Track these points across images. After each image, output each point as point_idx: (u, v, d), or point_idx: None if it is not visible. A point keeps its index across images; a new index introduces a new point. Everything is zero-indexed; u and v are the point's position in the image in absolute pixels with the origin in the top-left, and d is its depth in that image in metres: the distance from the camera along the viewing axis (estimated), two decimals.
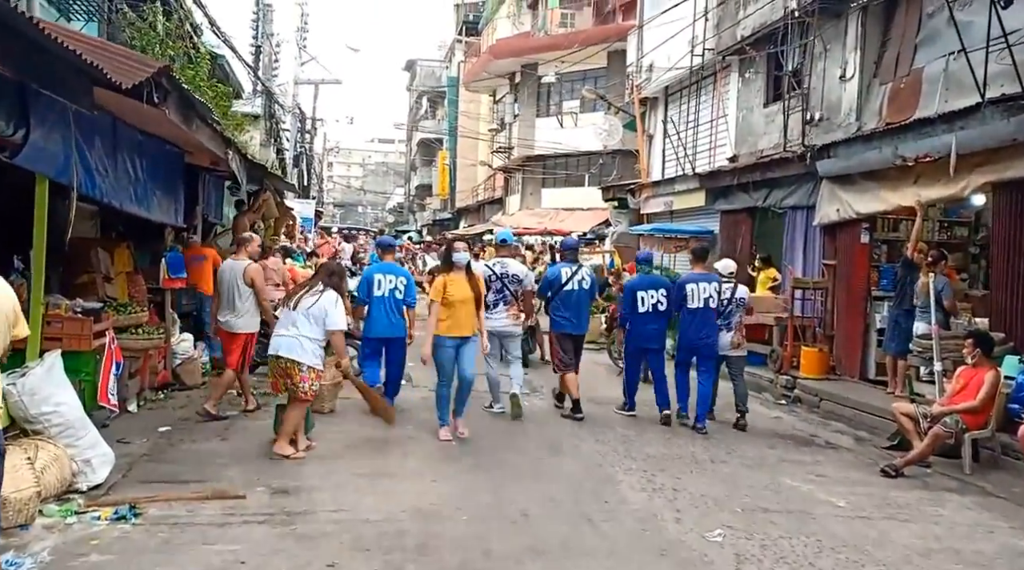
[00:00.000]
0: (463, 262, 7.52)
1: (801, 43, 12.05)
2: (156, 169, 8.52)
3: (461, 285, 7.41)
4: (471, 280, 7.53)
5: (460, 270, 7.49)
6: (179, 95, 6.17)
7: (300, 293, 6.83)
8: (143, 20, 12.41)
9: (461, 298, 7.38)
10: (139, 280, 9.36)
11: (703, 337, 8.52)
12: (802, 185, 12.07)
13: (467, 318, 7.45)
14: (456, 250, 7.64)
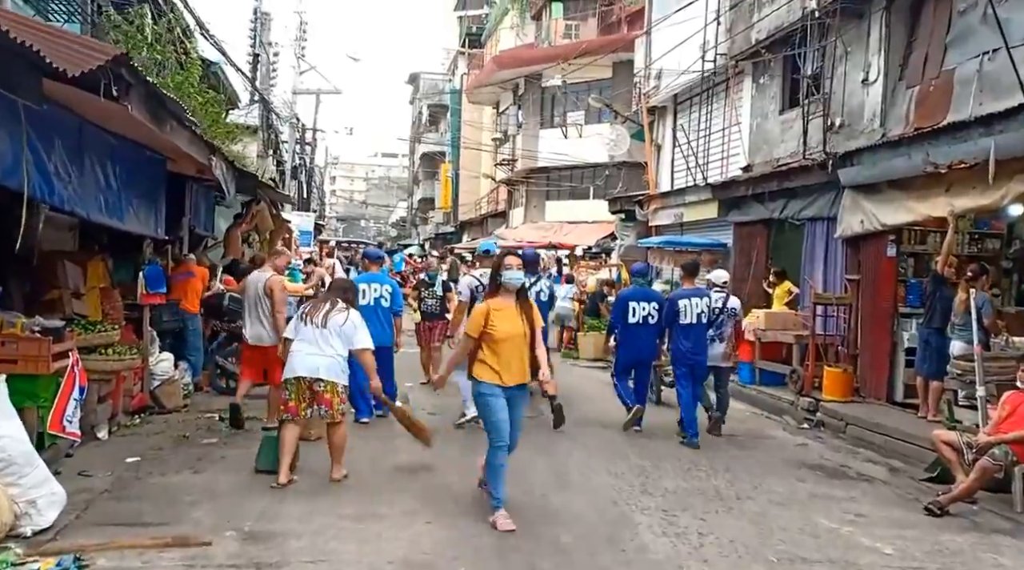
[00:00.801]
0: (516, 284, 5.63)
1: (820, 45, 11.41)
2: (133, 176, 7.90)
3: (510, 316, 5.54)
4: (524, 309, 5.63)
5: (509, 295, 5.64)
6: (145, 90, 5.53)
7: (325, 309, 6.38)
8: (130, 23, 11.85)
9: (510, 333, 5.50)
10: (115, 296, 8.72)
11: (696, 354, 8.56)
12: (822, 195, 11.41)
13: (518, 361, 5.56)
14: (508, 267, 5.60)
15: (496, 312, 5.56)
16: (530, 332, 5.59)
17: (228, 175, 9.64)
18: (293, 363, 6.28)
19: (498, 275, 5.65)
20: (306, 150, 34.73)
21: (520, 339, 5.55)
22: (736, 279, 14.00)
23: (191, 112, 11.57)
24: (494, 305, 5.60)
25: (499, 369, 5.50)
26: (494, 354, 5.50)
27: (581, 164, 31.18)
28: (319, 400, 6.22)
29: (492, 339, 5.50)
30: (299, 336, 6.35)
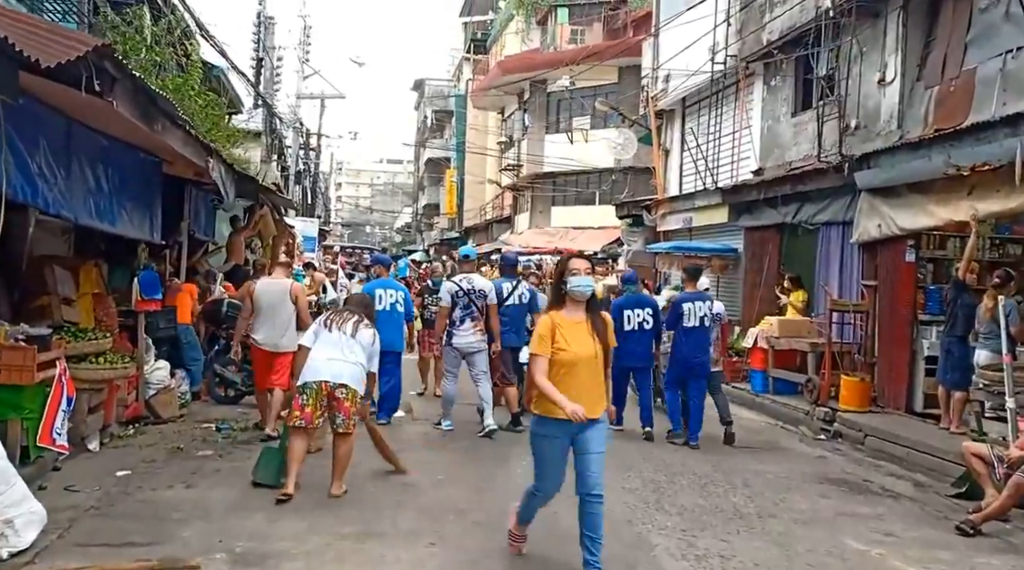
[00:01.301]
0: (585, 293, 4.53)
1: (835, 45, 11.10)
2: (126, 179, 7.65)
3: (579, 334, 4.49)
4: (596, 325, 4.56)
5: (577, 307, 4.55)
6: (132, 85, 5.25)
7: (354, 320, 6.19)
8: (128, 23, 11.60)
9: (580, 355, 4.46)
10: (108, 302, 8.44)
11: (697, 356, 8.58)
12: (837, 199, 11.10)
13: (592, 388, 4.50)
14: (574, 272, 4.53)
15: (562, 328, 4.46)
16: (603, 353, 4.55)
17: (227, 178, 9.36)
18: (316, 367, 6.00)
19: (563, 283, 4.52)
20: (310, 155, 34.49)
21: (592, 362, 4.48)
22: (748, 285, 13.74)
23: (191, 115, 11.38)
24: (560, 320, 4.48)
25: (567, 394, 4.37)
26: (560, 381, 4.40)
27: (587, 169, 30.93)
28: (338, 407, 5.98)
29: (556, 361, 4.43)
30: (320, 341, 6.08)
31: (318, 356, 6.00)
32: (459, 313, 8.44)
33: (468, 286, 8.49)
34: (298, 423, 5.96)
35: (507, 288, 8.89)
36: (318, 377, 5.96)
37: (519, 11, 37.19)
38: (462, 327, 8.44)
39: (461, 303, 8.44)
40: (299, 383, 6.03)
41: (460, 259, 9.65)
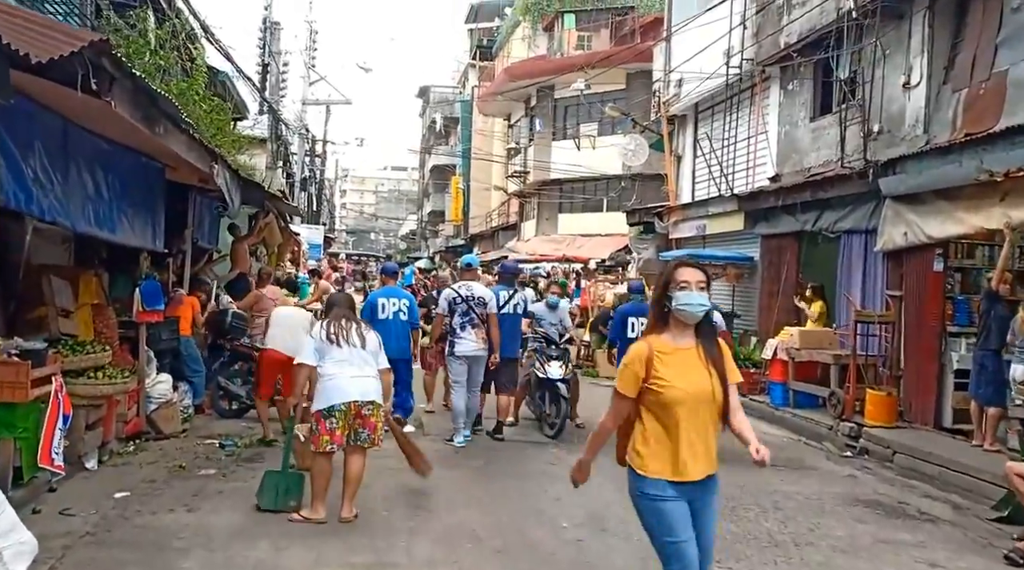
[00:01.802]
0: (697, 315, 3.39)
1: (857, 47, 10.78)
2: (127, 185, 7.34)
3: (688, 365, 3.38)
4: (710, 351, 3.42)
5: (684, 331, 3.42)
6: (132, 84, 4.95)
7: (355, 328, 5.86)
8: (131, 26, 11.33)
9: (689, 392, 3.34)
10: (108, 313, 8.13)
11: None
12: (860, 206, 10.76)
13: (704, 437, 3.41)
14: (682, 286, 3.37)
15: (664, 357, 3.34)
16: (722, 390, 3.36)
17: (232, 185, 9.07)
18: (343, 387, 5.64)
19: (666, 299, 3.39)
20: (316, 162, 34.23)
21: (707, 401, 3.33)
22: (764, 294, 13.40)
23: (195, 121, 11.08)
24: (660, 347, 3.38)
25: (672, 453, 3.33)
26: (662, 427, 3.35)
27: (594, 176, 30.64)
28: (363, 423, 5.69)
29: (659, 402, 3.33)
30: (332, 359, 5.70)
31: (340, 374, 5.65)
32: (459, 320, 8.43)
33: (467, 293, 8.49)
34: (330, 448, 5.63)
35: (503, 296, 8.89)
36: (347, 398, 5.62)
37: (525, 17, 36.99)
38: (463, 334, 8.42)
39: (460, 310, 8.43)
40: (324, 406, 5.61)
41: (462, 267, 9.54)
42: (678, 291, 3.36)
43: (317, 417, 5.63)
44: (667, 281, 3.44)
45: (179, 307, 9.33)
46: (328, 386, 5.64)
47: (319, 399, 5.65)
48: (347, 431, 5.65)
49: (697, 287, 3.37)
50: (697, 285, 3.37)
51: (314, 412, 5.66)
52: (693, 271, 3.43)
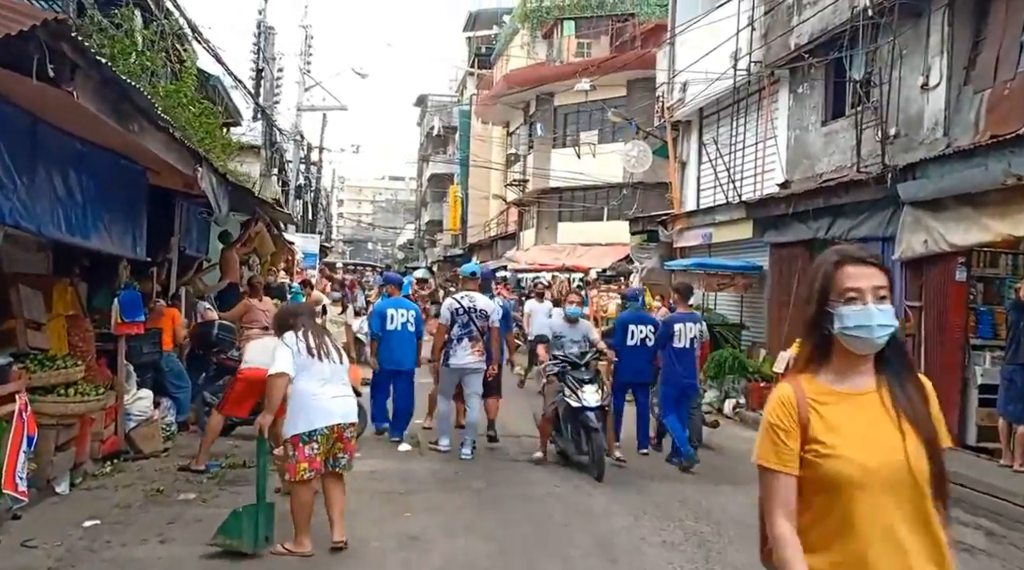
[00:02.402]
0: (878, 341, 2.07)
1: (874, 47, 10.34)
2: (105, 188, 6.87)
3: (870, 419, 2.07)
4: (904, 397, 2.09)
5: (860, 364, 2.12)
6: (99, 74, 4.48)
7: (328, 341, 5.38)
8: (117, 26, 10.88)
9: (869, 467, 2.01)
10: (85, 325, 7.64)
11: (688, 376, 8.64)
12: (875, 212, 10.32)
13: (911, 536, 2.01)
14: (853, 295, 2.07)
15: (827, 411, 2.11)
16: (930, 460, 2.05)
17: (219, 189, 8.61)
18: (326, 407, 5.13)
19: (826, 316, 2.13)
20: (312, 170, 33.78)
21: (903, 481, 2.02)
22: (774, 304, 12.93)
23: (184, 124, 10.64)
24: (819, 394, 2.15)
25: (849, 561, 2.03)
26: (836, 522, 2.05)
27: (595, 184, 30.23)
28: (345, 447, 5.22)
29: (820, 482, 2.08)
30: (313, 375, 5.16)
31: (322, 394, 5.13)
32: (458, 332, 8.25)
33: (469, 304, 8.34)
34: (308, 476, 5.07)
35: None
36: (331, 420, 5.13)
37: (524, 24, 36.68)
38: (459, 346, 8.23)
39: (460, 321, 8.26)
40: (306, 429, 5.05)
41: (464, 276, 9.29)
42: (844, 306, 2.08)
43: (295, 442, 5.04)
44: (824, 287, 2.14)
45: (159, 319, 8.85)
46: (311, 406, 5.10)
47: (298, 421, 5.07)
48: (325, 456, 5.15)
49: (875, 296, 2.07)
50: (875, 293, 2.07)
51: (291, 437, 5.05)
52: (867, 270, 2.11)
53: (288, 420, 5.13)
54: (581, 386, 7.74)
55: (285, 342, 5.18)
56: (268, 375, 5.10)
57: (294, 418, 5.09)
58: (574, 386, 7.77)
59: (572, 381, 7.82)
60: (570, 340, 8.44)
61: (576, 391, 7.72)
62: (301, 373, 5.09)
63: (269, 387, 5.09)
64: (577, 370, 7.95)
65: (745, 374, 12.36)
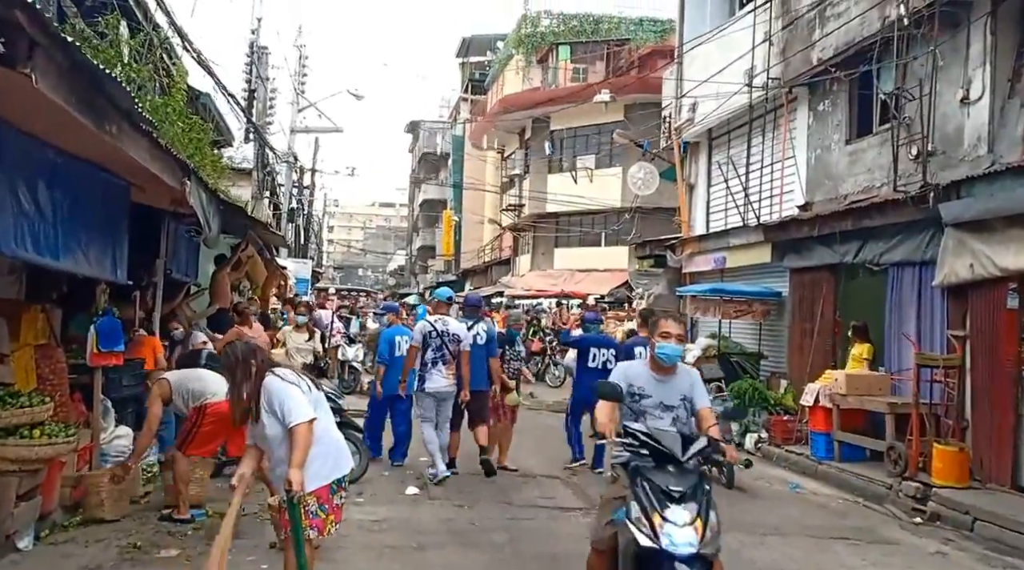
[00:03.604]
0: None
1: (910, 59, 9.73)
2: (81, 204, 6.13)
3: None
4: None
5: None
6: (66, 58, 3.76)
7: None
8: (101, 36, 10.20)
9: None
10: (57, 356, 6.87)
11: None
12: (911, 235, 9.66)
13: None
14: None
15: None
16: None
17: (209, 207, 7.88)
18: (342, 453, 4.45)
19: None
20: (304, 193, 33.08)
21: None
22: (795, 333, 12.25)
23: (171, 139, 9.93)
24: None
25: None
26: None
27: (592, 209, 29.67)
28: (336, 512, 4.39)
29: None
30: (325, 411, 4.43)
31: (336, 439, 4.44)
32: (431, 355, 8.26)
33: (442, 328, 8.32)
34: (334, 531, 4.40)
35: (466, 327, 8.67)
36: (342, 471, 4.41)
37: (519, 50, 36.30)
38: (434, 370, 8.25)
39: (433, 344, 8.25)
40: (338, 475, 4.35)
41: (437, 301, 9.26)
42: None
43: (325, 494, 4.27)
44: None
45: (140, 349, 8.08)
46: (337, 448, 4.40)
47: (324, 468, 4.28)
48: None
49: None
50: None
51: (319, 488, 4.23)
52: None
53: (318, 466, 4.26)
54: (666, 506, 3.75)
55: (287, 379, 4.35)
56: (298, 424, 4.14)
57: (321, 464, 4.27)
58: (652, 504, 3.77)
59: (650, 493, 3.80)
60: (658, 405, 4.50)
61: (653, 516, 3.72)
62: (318, 411, 4.31)
63: (303, 438, 4.13)
64: (664, 471, 3.91)
65: (766, 406, 11.64)
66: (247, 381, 4.28)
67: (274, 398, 4.21)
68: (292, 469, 4.04)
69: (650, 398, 4.41)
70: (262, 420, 4.24)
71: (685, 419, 4.44)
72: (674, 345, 4.40)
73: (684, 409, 4.44)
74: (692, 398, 4.46)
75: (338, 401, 8.33)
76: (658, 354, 4.40)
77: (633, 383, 4.43)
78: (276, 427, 4.21)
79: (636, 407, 4.33)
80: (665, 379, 4.46)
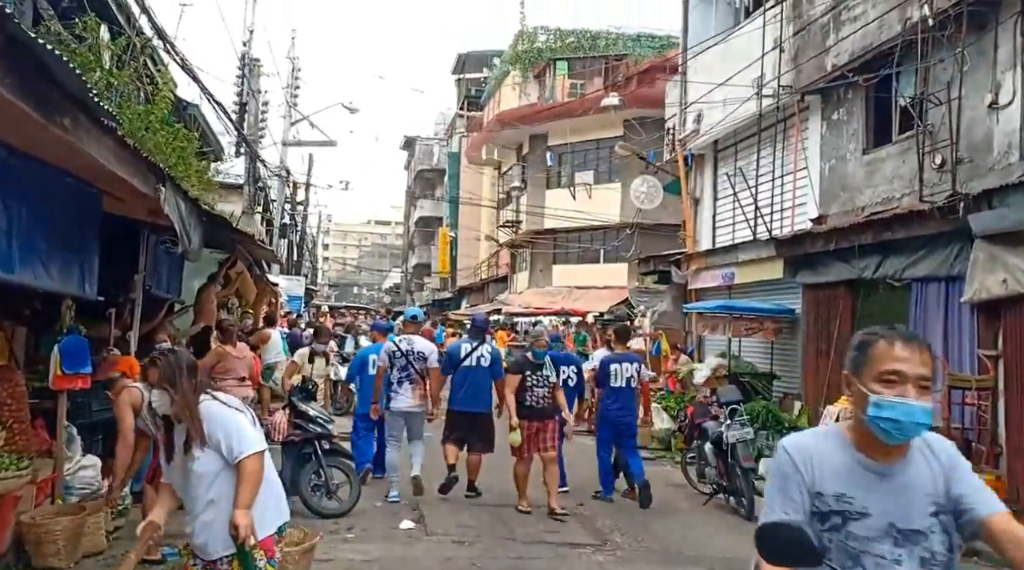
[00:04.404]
0: None
1: (935, 61, 9.22)
2: (41, 212, 5.55)
3: None
4: None
5: None
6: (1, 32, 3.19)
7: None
8: (79, 39, 9.66)
9: None
10: (16, 379, 6.25)
11: (624, 415, 8.78)
12: (937, 248, 9.12)
13: None
14: None
15: None
16: None
17: (190, 218, 7.29)
18: (278, 497, 3.77)
19: None
20: (298, 209, 32.52)
21: None
22: (810, 353, 11.68)
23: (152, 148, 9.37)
24: None
25: None
26: None
27: (591, 226, 29.18)
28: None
29: None
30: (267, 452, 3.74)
31: (276, 478, 3.79)
32: (396, 375, 8.25)
33: (407, 347, 8.33)
34: None
35: (465, 349, 8.64)
36: (285, 516, 3.79)
37: (515, 66, 35.97)
38: (400, 389, 8.24)
39: (399, 364, 8.26)
40: (283, 520, 3.76)
41: (406, 320, 9.27)
42: None
43: (271, 545, 3.60)
44: None
45: (112, 370, 7.45)
46: (278, 491, 3.75)
47: (267, 515, 3.60)
48: None
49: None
50: None
51: (265, 538, 3.56)
52: None
53: (265, 513, 3.59)
54: None
55: (231, 405, 3.65)
56: (249, 456, 3.48)
57: (265, 510, 3.60)
58: None
59: None
60: (885, 531, 2.18)
61: None
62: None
63: (254, 473, 3.48)
64: None
65: (780, 430, 11.04)
66: (192, 399, 3.57)
67: (216, 425, 3.52)
68: (239, 510, 3.38)
69: (867, 517, 2.19)
70: (193, 453, 3.53)
71: (945, 553, 2.21)
72: (913, 400, 2.17)
73: (942, 532, 2.21)
74: (959, 499, 2.23)
75: (327, 426, 7.75)
76: (879, 421, 2.15)
77: (824, 486, 2.21)
78: (211, 462, 3.50)
79: (841, 541, 2.19)
80: (891, 470, 2.23)
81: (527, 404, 7.94)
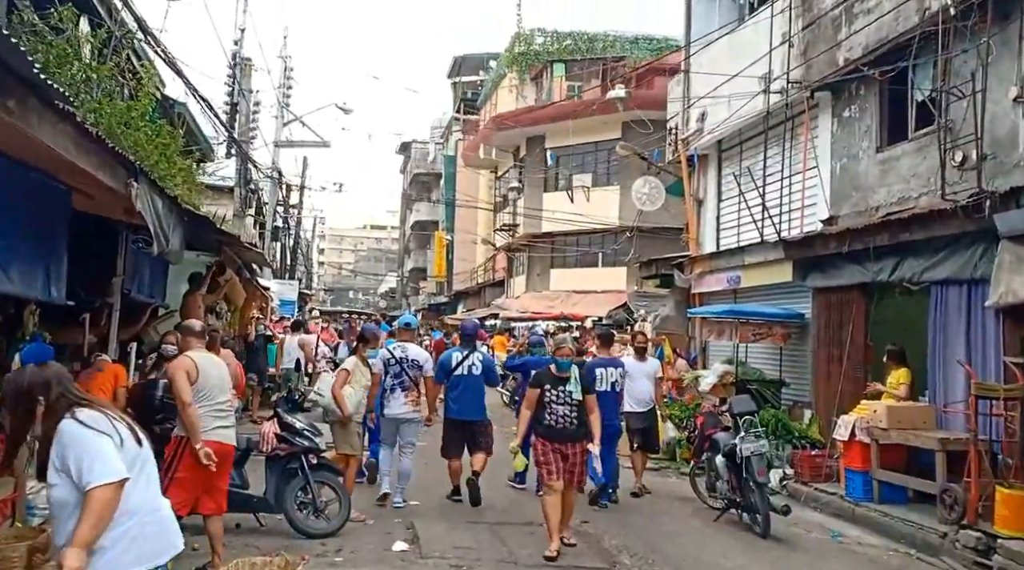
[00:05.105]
0: None
1: (958, 52, 8.76)
2: (1, 209, 5.11)
3: None
4: None
5: None
6: None
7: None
8: (56, 31, 9.19)
9: None
10: None
11: (608, 419, 8.16)
12: (959, 250, 8.66)
13: None
14: None
15: None
16: None
17: (169, 217, 6.84)
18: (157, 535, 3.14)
19: None
20: (291, 212, 32.02)
21: None
22: (820, 359, 11.21)
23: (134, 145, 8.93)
24: None
25: None
26: None
27: (589, 229, 28.72)
28: None
29: None
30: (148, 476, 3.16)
31: (160, 511, 3.20)
32: (390, 382, 8.24)
33: (401, 355, 8.31)
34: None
35: (456, 357, 8.64)
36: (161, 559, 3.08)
37: (512, 68, 35.60)
38: (393, 396, 8.21)
39: (392, 371, 8.25)
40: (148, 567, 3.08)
41: (400, 327, 9.19)
42: None
43: None
44: None
45: (95, 378, 6.97)
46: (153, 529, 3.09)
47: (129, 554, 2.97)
48: None
49: None
50: None
51: None
52: None
53: (103, 556, 2.90)
54: None
55: (93, 426, 2.97)
56: (97, 487, 2.84)
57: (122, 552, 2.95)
58: None
59: None
60: None
61: None
62: (135, 475, 3.01)
63: (99, 506, 2.82)
64: None
65: (790, 439, 10.60)
66: (29, 424, 3.03)
67: (68, 450, 2.92)
68: (69, 549, 2.76)
69: None
70: (48, 480, 2.97)
71: None
72: None
73: None
74: None
75: (315, 439, 7.25)
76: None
77: None
78: (66, 490, 2.91)
79: None
80: None
81: (545, 423, 6.91)
